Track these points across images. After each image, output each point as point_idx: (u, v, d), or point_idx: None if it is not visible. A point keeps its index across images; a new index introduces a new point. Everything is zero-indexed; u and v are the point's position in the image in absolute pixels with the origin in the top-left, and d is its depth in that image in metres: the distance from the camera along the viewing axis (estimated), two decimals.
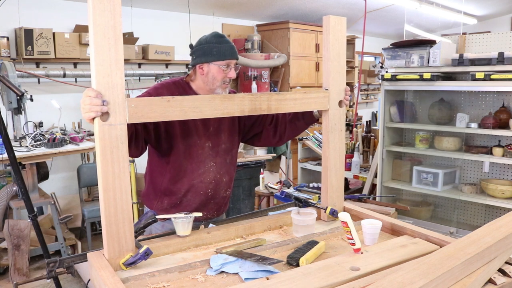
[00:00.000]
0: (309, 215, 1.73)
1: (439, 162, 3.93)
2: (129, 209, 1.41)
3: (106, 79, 1.32)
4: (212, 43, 1.83)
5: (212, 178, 1.91)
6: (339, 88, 1.78)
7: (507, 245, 1.36)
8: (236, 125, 1.99)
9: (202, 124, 1.87)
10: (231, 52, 1.83)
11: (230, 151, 1.98)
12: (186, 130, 1.85)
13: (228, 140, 1.95)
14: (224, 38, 1.86)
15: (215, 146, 1.91)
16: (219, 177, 1.93)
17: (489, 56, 3.28)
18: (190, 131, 1.86)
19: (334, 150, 1.80)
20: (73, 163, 4.58)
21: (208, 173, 1.90)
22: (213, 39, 1.84)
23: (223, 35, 1.88)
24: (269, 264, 1.35)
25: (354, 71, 7.67)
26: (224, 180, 1.95)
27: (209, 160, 1.90)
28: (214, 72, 1.83)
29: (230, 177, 1.99)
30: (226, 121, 1.93)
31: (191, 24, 5.35)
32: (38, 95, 4.12)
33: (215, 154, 1.91)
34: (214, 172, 1.91)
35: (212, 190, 1.92)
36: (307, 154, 4.70)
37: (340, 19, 1.76)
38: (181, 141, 1.85)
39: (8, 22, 4.14)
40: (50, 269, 1.49)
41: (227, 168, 1.97)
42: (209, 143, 1.89)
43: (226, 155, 1.95)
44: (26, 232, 3.30)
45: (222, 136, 1.93)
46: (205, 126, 1.88)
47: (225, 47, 1.82)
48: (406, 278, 1.13)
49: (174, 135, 1.84)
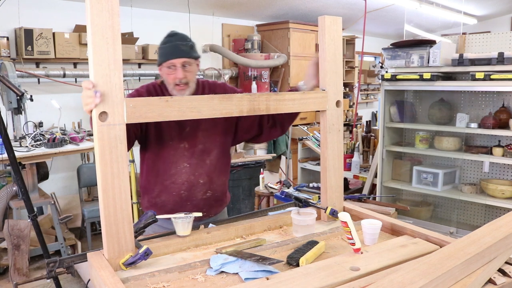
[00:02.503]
0: (309, 215, 1.73)
1: (439, 162, 3.93)
2: (128, 209, 1.40)
3: (105, 79, 1.32)
4: (160, 44, 1.80)
5: (185, 179, 1.86)
6: (336, 88, 1.78)
7: (507, 245, 1.36)
8: (221, 126, 1.90)
9: (177, 124, 1.81)
10: (172, 51, 1.75)
11: (210, 152, 1.89)
12: (159, 131, 1.83)
13: (208, 140, 1.88)
14: (170, 37, 1.79)
15: (191, 147, 1.85)
16: (193, 178, 1.86)
17: (489, 56, 3.28)
18: (162, 132, 1.83)
19: (333, 150, 1.80)
20: (73, 163, 4.58)
21: (180, 174, 1.85)
22: (162, 41, 1.80)
23: (174, 33, 1.81)
24: (269, 264, 1.35)
25: (354, 71, 7.67)
26: (201, 181, 1.88)
27: (182, 161, 1.85)
28: (164, 75, 1.80)
29: (209, 179, 1.90)
30: (205, 122, 1.83)
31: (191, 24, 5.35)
32: (38, 95, 4.12)
33: (190, 155, 1.86)
34: (187, 173, 1.86)
35: (186, 191, 1.87)
36: (307, 154, 4.70)
37: (336, 19, 1.75)
38: (154, 141, 1.83)
39: (8, 22, 4.14)
40: (50, 269, 1.49)
41: (206, 170, 1.89)
42: (185, 144, 1.85)
43: (204, 156, 1.88)
44: (26, 232, 3.30)
45: (200, 137, 1.86)
46: (181, 126, 1.83)
47: (167, 48, 1.76)
48: (406, 278, 1.13)
49: (148, 135, 1.83)
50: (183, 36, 1.80)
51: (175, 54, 1.75)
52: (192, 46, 1.81)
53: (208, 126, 1.87)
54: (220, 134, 1.92)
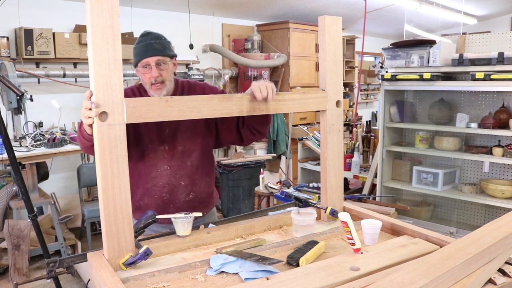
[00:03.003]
0: (309, 215, 1.73)
1: (439, 162, 3.93)
2: (128, 209, 1.41)
3: (105, 79, 1.32)
4: (134, 44, 1.77)
5: (166, 182, 1.84)
6: (336, 88, 1.78)
7: (507, 245, 1.36)
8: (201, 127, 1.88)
9: (156, 127, 1.80)
10: (145, 50, 1.72)
11: (191, 153, 1.87)
12: (137, 134, 1.81)
13: (188, 142, 1.85)
14: (144, 36, 1.75)
15: (171, 149, 1.84)
16: (174, 180, 1.85)
17: (489, 56, 3.28)
18: (141, 134, 1.81)
19: (333, 150, 1.80)
20: (73, 163, 4.58)
21: (161, 176, 1.84)
22: (137, 39, 1.76)
23: (147, 32, 1.77)
24: (269, 264, 1.35)
25: (354, 71, 7.68)
26: (183, 183, 1.86)
27: (163, 163, 1.83)
28: (140, 75, 1.79)
29: (191, 181, 1.88)
30: (184, 123, 1.82)
31: (191, 24, 5.35)
32: (38, 95, 4.12)
33: (171, 157, 1.84)
34: (168, 175, 1.84)
35: (168, 194, 1.85)
36: (307, 154, 4.70)
37: (336, 19, 1.75)
38: (133, 144, 1.80)
39: (8, 22, 4.14)
40: (50, 269, 1.49)
41: (187, 172, 1.86)
42: (165, 146, 1.83)
43: (185, 158, 1.85)
44: (26, 232, 3.30)
45: (180, 139, 1.84)
46: (160, 128, 1.81)
47: (140, 47, 1.73)
48: (406, 278, 1.13)
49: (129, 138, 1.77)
50: (157, 35, 1.77)
51: (149, 52, 1.72)
52: (166, 45, 1.77)
53: (188, 128, 1.84)
54: (201, 136, 1.89)
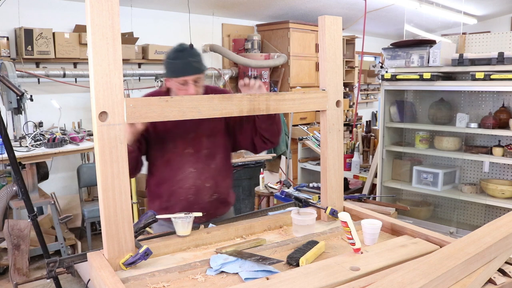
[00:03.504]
0: (309, 215, 1.73)
1: (439, 162, 3.93)
2: (128, 209, 1.41)
3: (105, 79, 1.32)
4: (170, 58, 1.80)
5: (191, 184, 1.89)
6: (336, 88, 1.78)
7: (507, 245, 1.36)
8: (223, 131, 1.95)
9: (180, 131, 1.86)
10: (184, 69, 1.76)
11: (215, 156, 1.93)
12: (161, 139, 1.86)
13: (212, 145, 1.92)
14: (181, 52, 1.78)
15: (196, 152, 1.89)
16: (199, 182, 1.90)
17: (489, 56, 3.28)
18: (165, 139, 1.86)
19: (333, 150, 1.80)
20: (73, 163, 4.58)
21: (187, 179, 1.89)
22: (172, 53, 1.81)
23: (184, 48, 1.80)
24: (269, 264, 1.35)
25: (354, 71, 7.67)
26: (207, 185, 1.92)
27: (188, 166, 1.89)
28: (173, 88, 1.83)
29: (215, 182, 1.94)
30: (208, 127, 1.89)
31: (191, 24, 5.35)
32: (38, 95, 4.12)
33: (196, 160, 1.89)
34: (194, 178, 1.89)
35: (193, 195, 1.90)
36: (307, 154, 4.70)
37: (336, 18, 1.75)
38: (158, 149, 1.86)
39: (8, 22, 4.14)
40: (50, 269, 1.49)
41: (211, 174, 1.93)
42: (190, 149, 1.88)
43: (209, 160, 1.92)
44: (26, 232, 3.30)
45: (204, 142, 1.90)
46: (184, 132, 1.87)
47: (178, 64, 1.76)
48: (406, 278, 1.13)
49: (150, 143, 1.87)
50: (194, 52, 1.80)
51: (189, 71, 1.76)
52: (202, 60, 1.83)
53: (212, 132, 1.91)
54: (223, 140, 1.96)
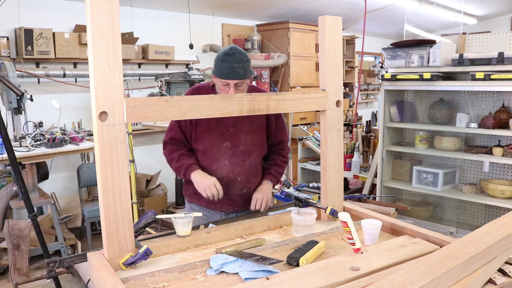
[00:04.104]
0: (309, 215, 1.73)
1: (439, 162, 3.93)
2: (128, 209, 1.41)
3: (105, 79, 1.32)
4: (218, 59, 1.93)
5: (224, 175, 2.03)
6: (336, 88, 1.78)
7: (507, 245, 1.36)
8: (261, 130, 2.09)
9: (220, 126, 2.00)
10: (227, 73, 1.89)
11: (251, 154, 2.06)
12: (202, 131, 2.02)
13: (250, 144, 2.05)
14: (229, 56, 1.90)
15: (233, 147, 2.03)
16: (232, 175, 2.04)
17: (489, 56, 3.28)
18: (206, 131, 2.02)
19: (333, 150, 1.80)
20: (73, 163, 4.58)
21: (221, 170, 2.03)
22: (220, 55, 1.93)
23: (233, 52, 1.92)
24: (269, 264, 1.35)
25: (354, 71, 7.67)
26: (239, 179, 2.05)
27: (224, 159, 2.03)
28: (219, 85, 1.97)
29: (246, 178, 2.07)
30: (249, 126, 2.03)
31: (191, 24, 5.35)
32: (38, 95, 4.12)
33: (232, 154, 2.03)
34: (227, 170, 2.03)
35: (224, 186, 2.01)
36: (307, 154, 4.69)
37: (336, 18, 1.76)
38: (199, 139, 2.04)
39: (8, 22, 4.14)
40: (50, 269, 1.49)
41: (244, 169, 2.06)
42: (227, 143, 2.02)
43: (245, 157, 2.05)
44: (26, 232, 3.30)
45: (243, 139, 2.03)
46: (224, 127, 2.01)
47: (223, 67, 1.90)
48: (406, 278, 1.13)
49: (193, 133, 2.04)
50: (240, 57, 1.91)
51: (230, 76, 1.90)
52: (247, 67, 1.93)
53: (251, 130, 2.04)
54: (262, 138, 2.09)
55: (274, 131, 2.14)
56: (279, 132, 2.17)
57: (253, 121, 2.04)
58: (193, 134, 2.05)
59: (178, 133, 2.07)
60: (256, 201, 2.04)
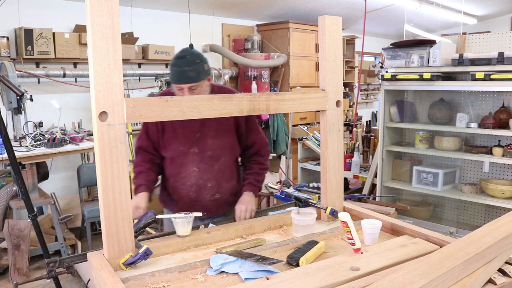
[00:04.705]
0: (309, 215, 1.73)
1: (439, 162, 3.93)
2: (128, 209, 1.41)
3: (105, 79, 1.32)
4: (171, 63, 1.88)
5: (193, 182, 1.98)
6: (336, 88, 1.78)
7: (507, 245, 1.36)
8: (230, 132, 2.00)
9: (186, 131, 1.94)
10: (178, 77, 1.84)
11: (219, 158, 1.99)
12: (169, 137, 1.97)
13: (217, 148, 1.97)
14: (179, 60, 1.84)
15: (200, 152, 1.96)
16: (201, 182, 1.98)
17: (489, 56, 3.28)
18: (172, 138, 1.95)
19: (333, 150, 1.80)
20: (73, 163, 4.58)
21: (190, 177, 1.98)
22: (173, 59, 1.87)
23: (183, 55, 1.86)
24: (269, 264, 1.35)
25: (354, 71, 7.67)
26: (209, 185, 1.99)
27: (192, 165, 1.97)
28: (175, 90, 1.91)
29: (217, 183, 2.00)
30: (212, 128, 1.95)
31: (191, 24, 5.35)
32: (38, 95, 4.12)
33: (200, 160, 1.97)
34: (196, 176, 1.97)
35: (195, 193, 1.98)
36: (307, 154, 4.69)
37: (336, 18, 1.76)
38: (166, 146, 1.98)
39: (8, 22, 4.14)
40: (50, 269, 1.50)
41: (214, 175, 1.99)
42: (195, 148, 1.96)
43: (213, 162, 1.98)
44: (26, 232, 3.30)
45: (210, 144, 1.96)
46: (190, 133, 1.95)
47: (175, 71, 1.84)
48: (406, 278, 1.13)
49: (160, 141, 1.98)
50: (191, 60, 1.84)
51: (182, 80, 1.83)
52: (200, 69, 1.85)
53: (217, 133, 1.97)
54: (231, 141, 2.01)
55: (245, 133, 2.05)
56: (250, 133, 2.07)
57: (220, 124, 1.96)
58: (160, 141, 1.99)
59: (146, 141, 2.01)
60: (240, 213, 1.95)
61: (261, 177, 2.12)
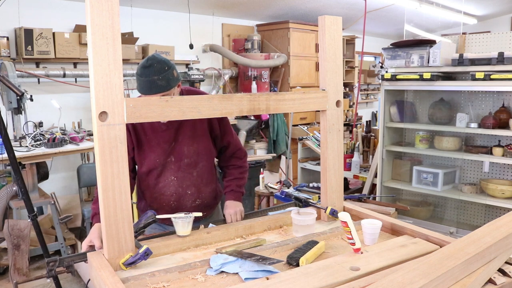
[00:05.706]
0: (309, 215, 1.73)
1: (439, 162, 3.93)
2: (128, 209, 1.41)
3: (105, 79, 1.32)
4: (137, 73, 1.76)
5: (173, 191, 1.93)
6: (336, 88, 1.78)
7: (507, 245, 1.36)
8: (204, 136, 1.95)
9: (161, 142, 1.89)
10: (147, 87, 1.72)
11: (197, 165, 1.95)
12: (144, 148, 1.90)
13: (194, 153, 1.92)
14: (146, 69, 1.72)
15: (177, 161, 1.91)
16: (181, 190, 1.94)
17: (489, 56, 3.28)
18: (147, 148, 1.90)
19: (333, 150, 1.80)
20: (73, 163, 4.58)
21: (169, 186, 1.93)
22: (138, 69, 1.75)
23: (150, 63, 1.72)
24: (269, 264, 1.35)
25: (354, 71, 7.67)
26: (189, 192, 1.95)
27: (170, 174, 1.92)
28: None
29: (197, 189, 1.97)
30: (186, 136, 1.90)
31: (191, 24, 5.35)
32: (38, 95, 4.12)
33: (177, 168, 1.92)
34: (175, 185, 1.93)
35: (175, 201, 1.94)
36: (307, 154, 4.69)
37: (336, 18, 1.76)
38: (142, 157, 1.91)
39: (8, 22, 4.14)
40: (50, 269, 1.50)
41: (193, 181, 1.95)
42: (172, 157, 1.91)
43: (191, 169, 1.94)
44: (26, 232, 3.30)
45: (185, 151, 1.91)
46: (166, 143, 1.89)
47: (143, 82, 1.73)
48: (406, 278, 1.13)
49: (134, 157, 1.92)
50: (159, 67, 1.73)
51: (152, 90, 1.72)
52: (170, 76, 1.75)
53: (192, 140, 1.91)
54: (206, 145, 1.96)
55: (219, 135, 1.99)
56: (225, 135, 2.01)
57: (194, 130, 1.90)
58: (136, 156, 1.92)
59: None
60: (230, 218, 1.90)
61: (242, 182, 2.08)
